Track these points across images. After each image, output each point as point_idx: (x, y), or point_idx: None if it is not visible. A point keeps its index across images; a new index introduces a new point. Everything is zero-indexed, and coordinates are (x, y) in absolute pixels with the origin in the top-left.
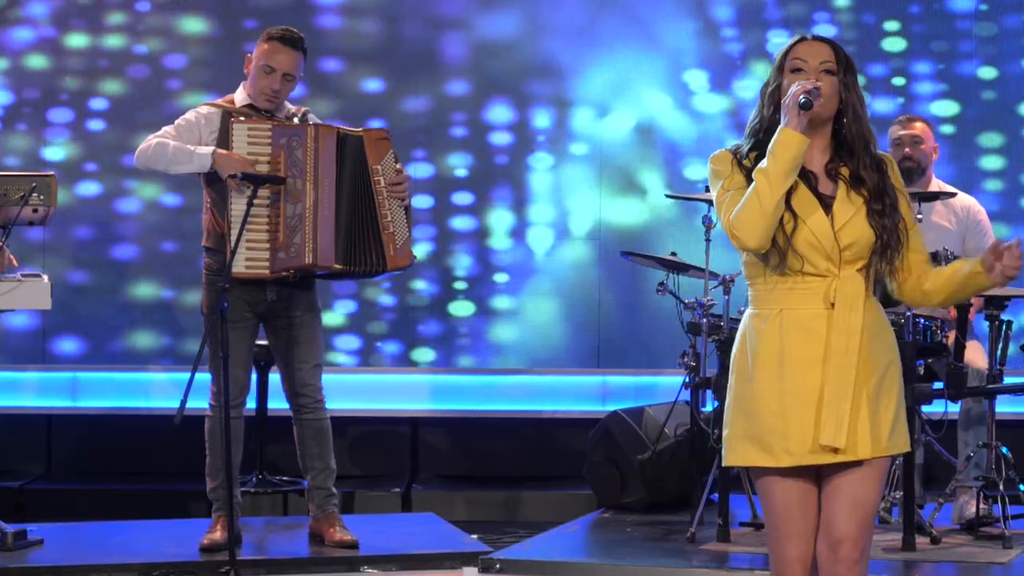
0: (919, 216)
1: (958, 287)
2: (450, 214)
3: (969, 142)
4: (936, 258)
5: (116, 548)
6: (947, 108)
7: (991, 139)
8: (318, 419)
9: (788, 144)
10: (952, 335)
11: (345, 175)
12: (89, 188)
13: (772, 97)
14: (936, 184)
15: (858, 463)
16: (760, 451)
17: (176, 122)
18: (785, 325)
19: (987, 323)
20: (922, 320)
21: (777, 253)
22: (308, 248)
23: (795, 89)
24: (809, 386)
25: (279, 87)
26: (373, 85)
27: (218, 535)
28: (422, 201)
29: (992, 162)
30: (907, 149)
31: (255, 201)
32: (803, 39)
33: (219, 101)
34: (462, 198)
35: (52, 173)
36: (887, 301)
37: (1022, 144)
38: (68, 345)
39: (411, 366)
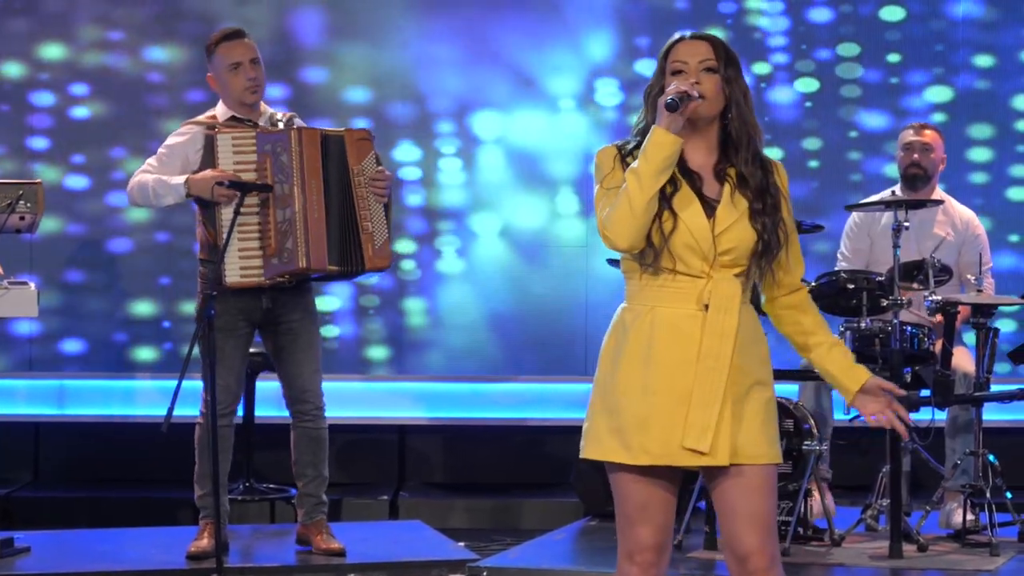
0: (906, 224)
1: (818, 365)
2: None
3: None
4: (923, 266)
5: (103, 556)
6: (939, 94)
7: (981, 130)
8: (317, 427)
9: (660, 144)
10: (939, 343)
11: (330, 176)
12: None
13: (655, 99)
14: (939, 193)
15: (744, 476)
16: (620, 447)
17: (159, 151)
18: (656, 323)
19: (974, 331)
20: (909, 328)
21: (652, 252)
22: (301, 252)
23: (669, 89)
24: (677, 387)
25: (254, 74)
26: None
27: (205, 542)
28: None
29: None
30: (916, 155)
31: (244, 210)
32: (681, 38)
33: (200, 118)
34: None
35: (39, 181)
36: (874, 307)
37: (1013, 137)
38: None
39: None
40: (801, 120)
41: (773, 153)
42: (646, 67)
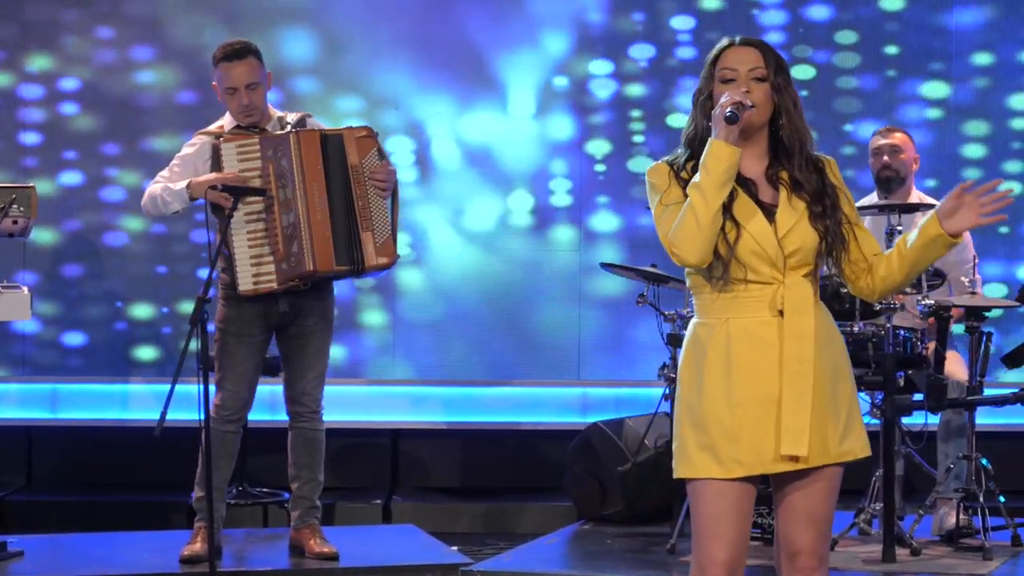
0: (899, 228)
1: (916, 257)
2: None
3: (954, 129)
4: None
5: (97, 560)
6: (936, 90)
7: (976, 127)
8: (312, 428)
9: (719, 157)
10: (932, 347)
11: (332, 176)
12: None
13: (704, 107)
14: (916, 195)
15: (811, 476)
16: (711, 462)
17: (171, 163)
18: (732, 334)
19: (967, 334)
20: (902, 332)
21: (720, 263)
22: (307, 255)
23: (724, 101)
24: (762, 395)
25: (248, 100)
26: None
27: (198, 546)
28: None
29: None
30: (886, 158)
31: (251, 216)
32: (731, 44)
33: (209, 129)
34: None
35: (32, 185)
36: (866, 311)
37: (1008, 134)
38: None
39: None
40: None
41: None
42: (600, 67)
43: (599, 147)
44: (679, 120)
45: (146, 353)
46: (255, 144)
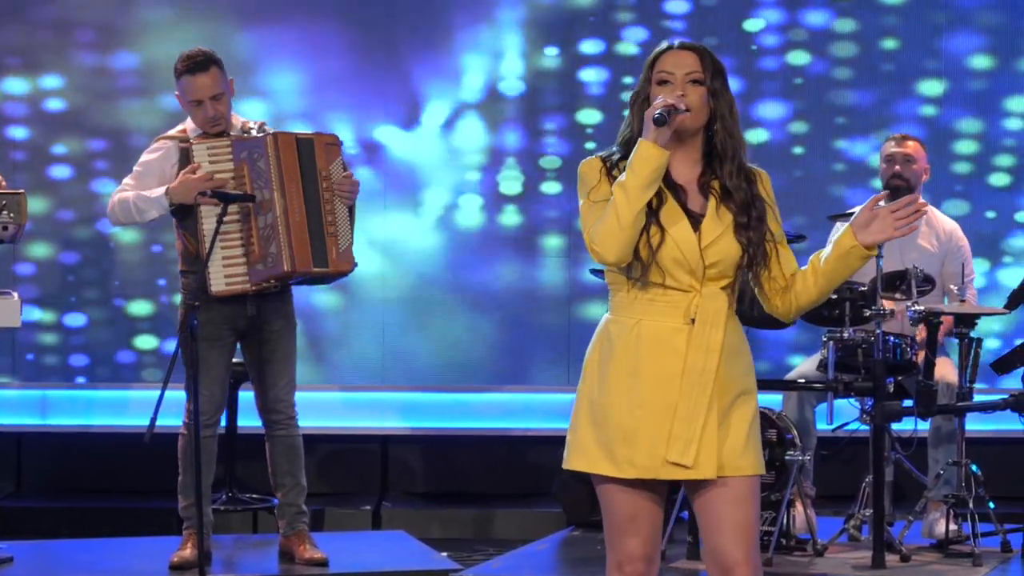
0: None
1: (831, 269)
2: None
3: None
4: (905, 276)
5: (86, 566)
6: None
7: (971, 124)
8: (290, 436)
9: (646, 158)
10: (922, 353)
11: (306, 179)
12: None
13: (640, 109)
14: None
15: (725, 487)
16: (605, 459)
17: (135, 168)
18: (642, 336)
19: (956, 341)
20: (892, 338)
21: (640, 266)
22: (285, 255)
23: (657, 102)
24: (662, 401)
25: (213, 112)
26: None
27: (188, 552)
28: None
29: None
30: (898, 167)
31: (226, 219)
32: (669, 48)
33: (172, 133)
34: None
35: (22, 191)
36: (857, 317)
37: (1001, 132)
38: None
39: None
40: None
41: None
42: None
43: None
44: None
45: (137, 358)
46: (227, 146)
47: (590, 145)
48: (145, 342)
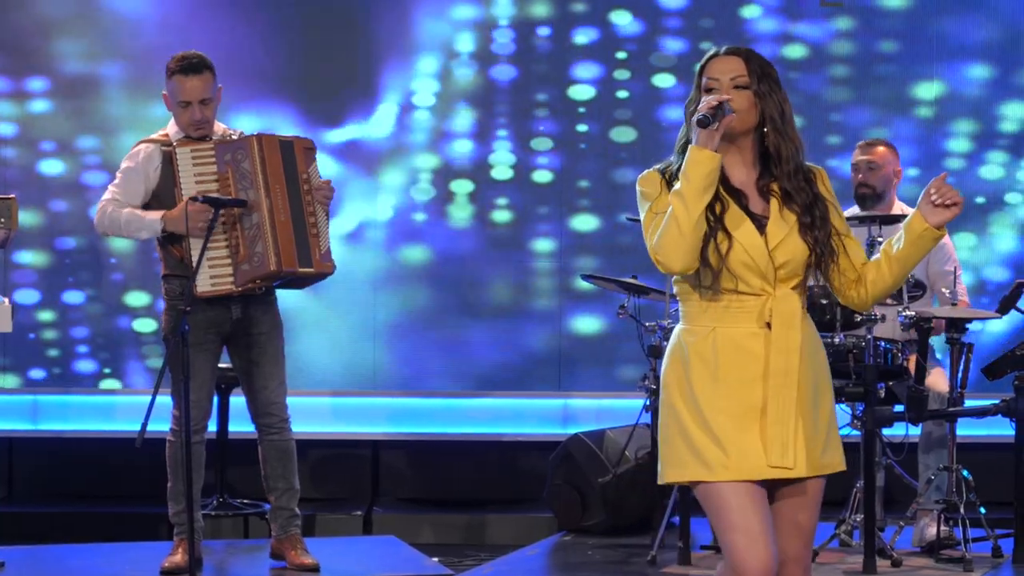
0: (880, 239)
1: (905, 255)
2: None
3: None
4: None
5: (78, 571)
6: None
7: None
8: (284, 440)
9: (697, 162)
10: (913, 358)
11: (290, 181)
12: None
13: (692, 116)
14: (899, 207)
15: (796, 487)
16: (699, 466)
17: (117, 174)
18: (719, 343)
19: (948, 346)
20: (883, 343)
21: (710, 273)
22: (271, 255)
23: (700, 106)
24: (747, 405)
25: (200, 115)
26: None
27: (179, 558)
28: None
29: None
30: (861, 175)
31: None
32: (716, 54)
33: (154, 136)
34: None
35: (13, 196)
36: (848, 323)
37: (994, 133)
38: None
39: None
40: None
41: None
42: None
43: None
44: None
45: (128, 364)
46: (210, 149)
47: (582, 128)
48: (138, 347)
